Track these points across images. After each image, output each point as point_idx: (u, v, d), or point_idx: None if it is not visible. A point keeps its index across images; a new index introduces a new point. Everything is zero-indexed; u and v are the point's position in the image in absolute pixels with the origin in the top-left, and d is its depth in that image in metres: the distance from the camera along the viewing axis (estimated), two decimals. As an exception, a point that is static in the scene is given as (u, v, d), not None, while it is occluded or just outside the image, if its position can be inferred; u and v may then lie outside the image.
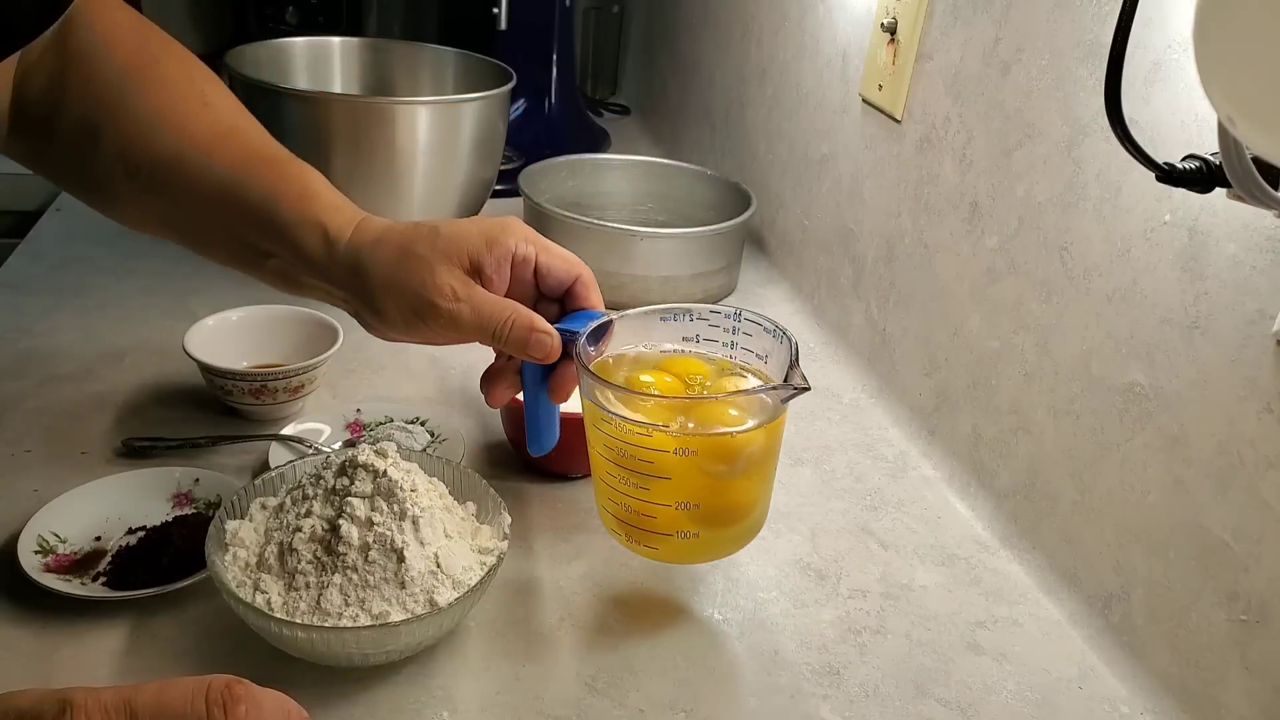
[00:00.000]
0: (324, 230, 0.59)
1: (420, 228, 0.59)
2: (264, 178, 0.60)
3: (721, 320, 0.64)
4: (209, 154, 0.60)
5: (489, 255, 0.59)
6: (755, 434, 0.57)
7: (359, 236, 0.59)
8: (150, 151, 0.61)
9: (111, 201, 0.65)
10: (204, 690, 0.36)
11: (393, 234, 0.59)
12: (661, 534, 0.59)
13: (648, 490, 0.57)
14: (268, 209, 0.59)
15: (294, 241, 0.59)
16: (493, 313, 0.58)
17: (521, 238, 0.60)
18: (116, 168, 0.61)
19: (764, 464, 0.60)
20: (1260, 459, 0.53)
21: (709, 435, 0.57)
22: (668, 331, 0.65)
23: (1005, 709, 0.58)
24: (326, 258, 0.59)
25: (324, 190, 0.61)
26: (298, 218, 0.59)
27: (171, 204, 0.62)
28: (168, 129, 0.61)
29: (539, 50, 1.43)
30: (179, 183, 0.61)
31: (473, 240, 0.58)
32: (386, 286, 0.58)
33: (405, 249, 0.58)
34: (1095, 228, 0.65)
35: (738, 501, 0.60)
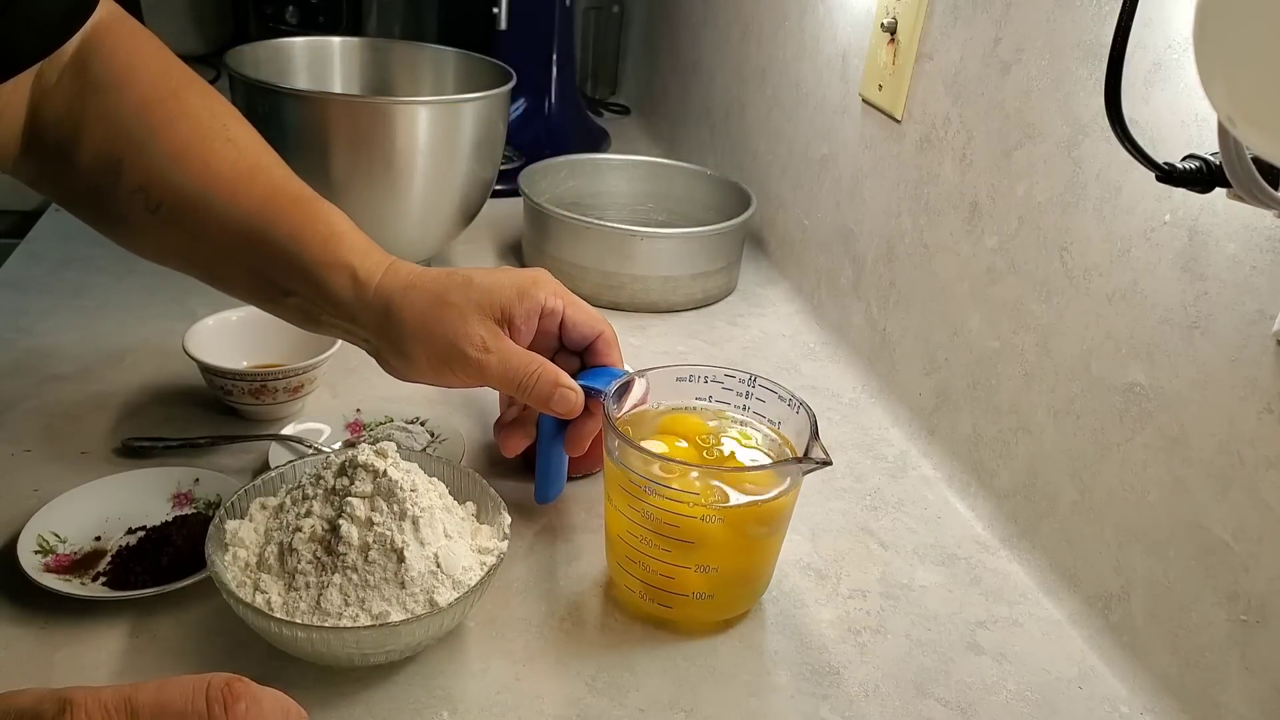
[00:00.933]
0: (353, 273, 0.60)
1: (454, 276, 0.60)
2: (289, 218, 0.60)
3: (735, 384, 0.66)
4: (233, 193, 0.60)
5: (519, 307, 0.60)
6: (778, 502, 0.59)
7: (389, 281, 0.60)
8: (173, 188, 0.60)
9: (129, 233, 0.64)
10: (204, 688, 0.36)
11: (425, 281, 0.60)
12: (678, 594, 0.60)
13: (669, 553, 0.59)
14: (293, 250, 0.60)
15: (319, 283, 0.60)
16: (520, 366, 0.60)
17: (551, 292, 0.62)
18: (137, 201, 0.60)
19: (781, 528, 0.62)
20: (1260, 459, 0.53)
21: (736, 505, 0.58)
22: (680, 389, 0.66)
23: (1005, 709, 0.58)
24: (355, 300, 0.60)
25: (350, 232, 0.62)
26: (325, 259, 0.60)
27: (192, 240, 0.62)
28: (192, 166, 0.60)
29: (539, 50, 1.43)
30: (201, 220, 0.60)
31: (505, 292, 0.60)
32: (417, 333, 0.59)
33: (439, 297, 0.59)
34: (1095, 228, 0.65)
35: (754, 564, 0.62)
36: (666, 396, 0.67)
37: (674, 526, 0.58)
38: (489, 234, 1.17)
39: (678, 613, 0.61)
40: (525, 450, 0.75)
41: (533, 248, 1.07)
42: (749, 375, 0.65)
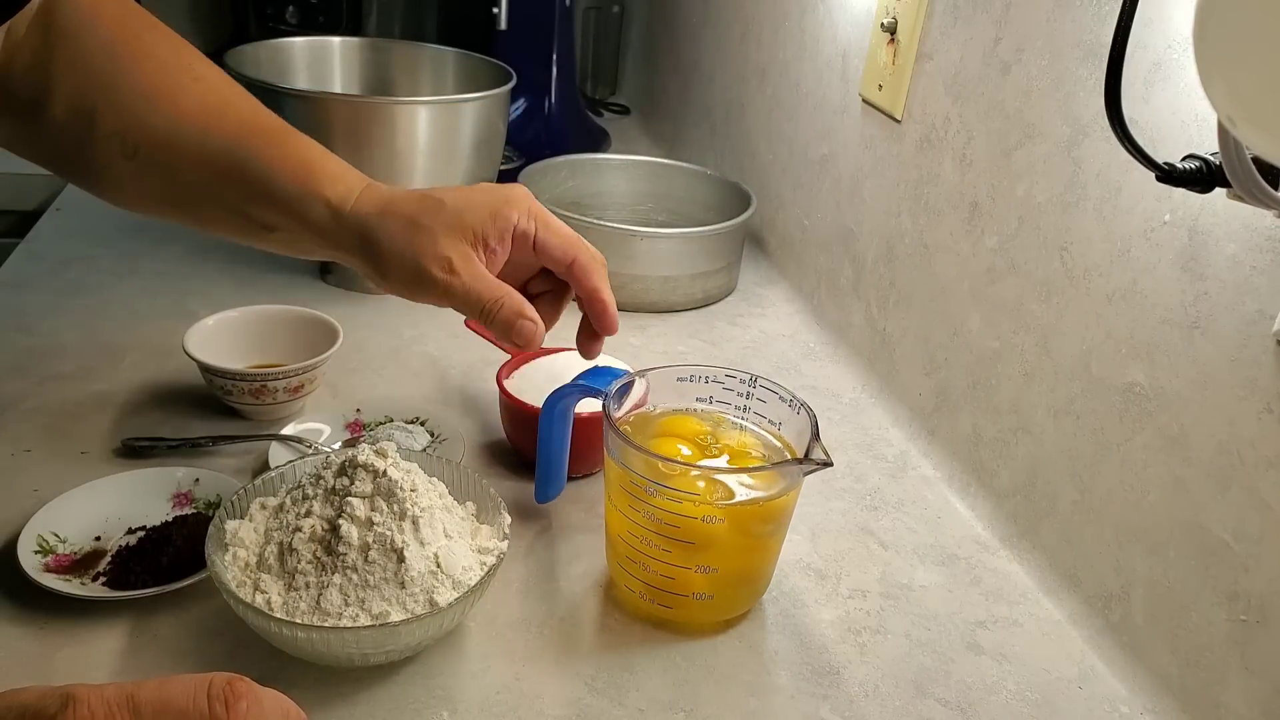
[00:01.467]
0: (327, 201, 0.60)
1: (427, 199, 0.60)
2: (261, 153, 0.60)
3: (736, 385, 0.66)
4: (204, 129, 0.61)
5: (492, 227, 0.59)
6: (778, 502, 0.59)
7: (365, 207, 0.60)
8: (147, 130, 0.60)
9: (111, 185, 0.64)
10: (206, 686, 0.36)
11: (399, 205, 0.60)
12: (678, 594, 0.60)
13: (670, 553, 0.59)
14: (267, 184, 0.60)
15: (298, 214, 0.60)
16: (484, 291, 0.59)
17: (524, 211, 0.60)
18: (114, 146, 0.61)
19: (781, 528, 0.62)
20: (1260, 459, 0.53)
21: (737, 504, 0.58)
22: (680, 390, 0.67)
23: (1005, 709, 0.58)
24: (333, 227, 0.60)
25: (321, 159, 0.62)
26: (299, 191, 0.60)
27: (171, 182, 0.62)
28: (162, 105, 0.61)
29: (539, 50, 1.43)
30: (176, 160, 0.61)
31: (478, 214, 0.59)
32: (391, 256, 0.59)
33: (412, 220, 0.59)
34: (1095, 228, 0.65)
35: (755, 565, 0.62)
36: (667, 398, 0.67)
37: (675, 527, 0.58)
38: (489, 234, 1.17)
39: (678, 613, 0.61)
40: (524, 450, 0.75)
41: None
42: (750, 376, 0.65)
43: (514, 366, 0.77)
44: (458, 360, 0.89)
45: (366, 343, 0.90)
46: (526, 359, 0.78)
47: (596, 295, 0.62)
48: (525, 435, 0.74)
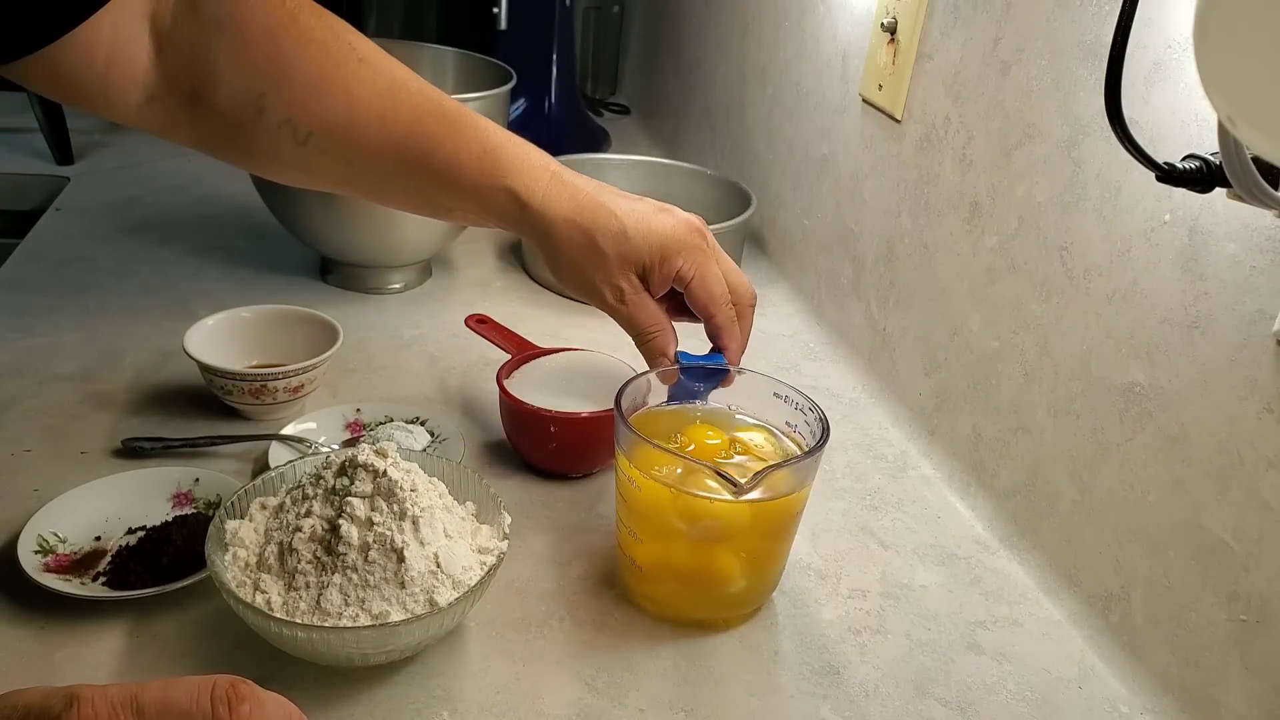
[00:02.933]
0: (512, 193, 0.64)
1: (611, 221, 0.65)
2: (442, 141, 0.63)
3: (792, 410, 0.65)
4: (380, 118, 0.62)
5: (658, 270, 0.66)
6: (791, 499, 0.60)
7: (551, 207, 0.64)
8: (320, 118, 0.61)
9: (279, 167, 0.65)
10: (209, 688, 0.36)
11: (584, 217, 0.64)
12: (700, 587, 0.62)
13: (682, 548, 0.60)
14: (451, 173, 0.63)
15: (482, 201, 0.64)
16: (644, 321, 0.67)
17: (692, 261, 0.66)
18: (285, 134, 0.61)
19: (793, 526, 0.63)
20: (1260, 459, 0.53)
21: (753, 501, 0.58)
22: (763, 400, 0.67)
23: (1005, 709, 0.58)
24: (516, 217, 0.65)
25: (505, 145, 0.64)
26: (484, 181, 0.63)
27: (347, 167, 0.64)
28: (334, 93, 0.61)
29: (539, 50, 1.43)
30: (353, 147, 0.62)
31: (649, 254, 0.65)
32: (568, 263, 0.66)
33: (591, 240, 0.65)
34: (1095, 228, 0.65)
35: (774, 556, 0.63)
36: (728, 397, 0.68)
37: (692, 523, 0.58)
38: (489, 234, 1.17)
39: (683, 606, 0.62)
40: (524, 450, 0.75)
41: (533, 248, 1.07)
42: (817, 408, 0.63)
43: (514, 366, 0.77)
44: (458, 360, 0.89)
45: (366, 343, 0.90)
46: (526, 359, 0.78)
47: (725, 350, 0.70)
48: (525, 435, 0.74)
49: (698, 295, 0.67)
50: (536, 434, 0.73)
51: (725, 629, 0.62)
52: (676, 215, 0.68)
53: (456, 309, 0.95)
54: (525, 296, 1.04)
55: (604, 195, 0.66)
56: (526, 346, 0.81)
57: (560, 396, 0.73)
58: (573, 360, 0.78)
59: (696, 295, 0.67)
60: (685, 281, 0.67)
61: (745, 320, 0.70)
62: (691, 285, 0.67)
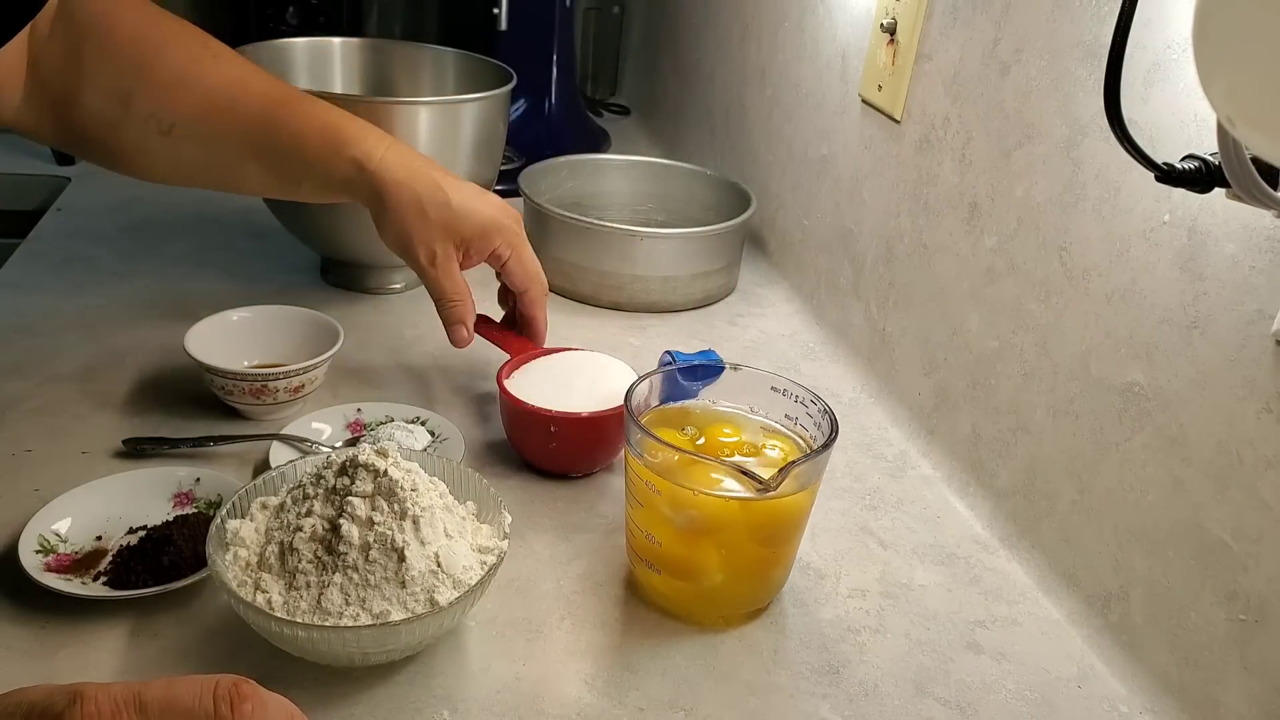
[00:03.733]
0: (353, 159, 0.70)
1: (438, 192, 0.71)
2: (287, 119, 0.69)
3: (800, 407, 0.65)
4: (233, 102, 0.69)
5: (475, 245, 0.74)
6: (797, 497, 0.60)
7: (385, 170, 0.70)
8: (181, 109, 0.68)
9: (144, 160, 0.71)
10: (212, 686, 0.37)
11: (415, 183, 0.71)
12: (697, 586, 0.62)
13: (693, 546, 0.61)
14: (297, 147, 0.70)
15: (325, 171, 0.70)
16: (449, 288, 0.74)
17: (506, 241, 0.75)
18: (150, 127, 0.68)
19: (802, 524, 0.63)
20: (1259, 459, 0.53)
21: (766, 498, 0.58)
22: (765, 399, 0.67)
23: (1004, 708, 0.59)
24: (356, 181, 0.71)
25: (341, 121, 0.71)
26: (327, 152, 0.70)
27: (206, 152, 0.70)
28: (193, 85, 0.69)
29: (539, 50, 1.43)
30: (209, 131, 0.69)
31: (469, 229, 0.73)
32: (394, 221, 0.72)
33: (419, 204, 0.71)
34: (1094, 228, 0.65)
35: (780, 556, 0.64)
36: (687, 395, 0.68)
37: (701, 520, 0.58)
38: (489, 234, 1.17)
39: (698, 604, 0.62)
40: (524, 450, 0.75)
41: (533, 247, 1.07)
42: (824, 405, 0.63)
43: (514, 366, 0.77)
44: (458, 360, 0.89)
45: (366, 343, 0.91)
46: (527, 359, 0.78)
47: (533, 324, 0.80)
48: (525, 435, 0.74)
49: (514, 272, 0.77)
50: (536, 434, 0.73)
51: (726, 628, 0.62)
52: (496, 200, 0.76)
53: (457, 309, 0.95)
54: (525, 296, 1.04)
55: (434, 170, 0.72)
56: (526, 346, 0.81)
57: (560, 396, 0.73)
58: (572, 360, 0.78)
59: (513, 272, 0.77)
60: (502, 260, 0.76)
61: (544, 311, 0.80)
62: (509, 264, 0.76)
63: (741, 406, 0.67)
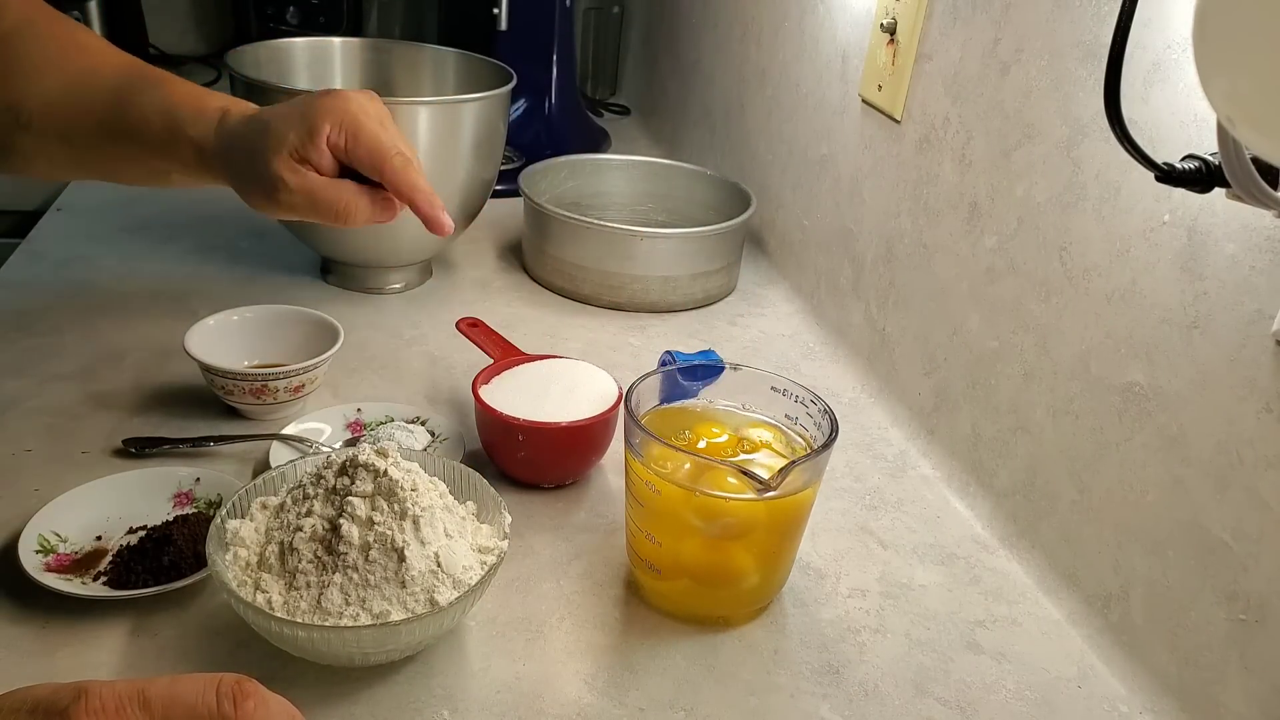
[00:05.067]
0: (192, 143, 0.65)
1: (256, 123, 0.63)
2: (132, 103, 0.65)
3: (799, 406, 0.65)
4: (85, 88, 0.65)
5: (309, 145, 0.62)
6: (804, 494, 0.60)
7: (219, 141, 0.64)
8: (39, 98, 0.65)
9: (18, 159, 0.68)
10: (215, 684, 0.37)
11: (239, 137, 0.64)
12: (718, 583, 0.62)
13: (697, 544, 0.60)
14: (143, 131, 0.65)
15: (179, 160, 0.66)
16: (328, 201, 0.63)
17: (337, 126, 0.62)
18: (9, 120, 0.66)
19: (803, 520, 0.63)
20: (1259, 459, 0.53)
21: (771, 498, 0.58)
22: (761, 398, 0.67)
23: (1004, 708, 0.59)
24: (204, 165, 0.65)
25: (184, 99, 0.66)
26: (168, 137, 0.65)
27: (69, 145, 0.67)
28: (51, 73, 0.66)
29: (539, 50, 1.43)
30: (66, 124, 0.66)
31: (294, 133, 0.62)
32: (244, 184, 0.64)
33: (248, 148, 0.63)
34: (1094, 228, 0.65)
35: (785, 552, 0.64)
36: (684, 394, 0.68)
37: (711, 522, 0.58)
38: (489, 234, 1.17)
39: (711, 605, 0.63)
40: (498, 460, 0.74)
41: (533, 248, 1.08)
42: (825, 404, 0.63)
43: (494, 372, 0.76)
44: (458, 360, 0.89)
45: (367, 343, 0.91)
46: (507, 365, 0.77)
47: (412, 199, 0.63)
48: (495, 443, 0.73)
49: (358, 153, 0.63)
50: (505, 442, 0.72)
51: (726, 628, 0.62)
52: (324, 90, 0.65)
53: (456, 309, 0.95)
54: (525, 296, 1.04)
55: (262, 111, 0.65)
56: (512, 352, 0.80)
57: (535, 405, 0.71)
58: (555, 369, 0.76)
59: (356, 153, 0.63)
60: (341, 146, 0.63)
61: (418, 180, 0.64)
62: (348, 146, 0.62)
63: (734, 404, 0.67)
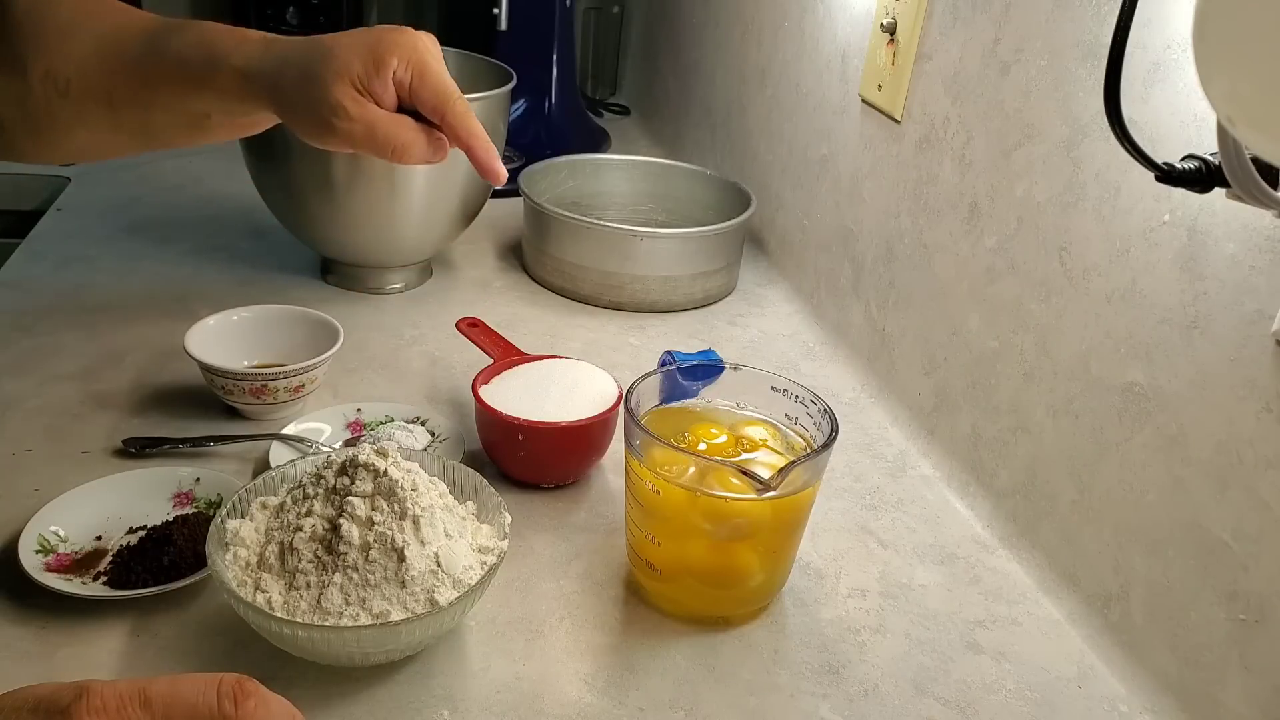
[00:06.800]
0: (234, 68, 0.63)
1: (316, 46, 0.63)
2: (169, 43, 0.64)
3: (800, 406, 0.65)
4: (119, 41, 0.65)
5: (375, 78, 0.62)
6: (804, 493, 0.60)
7: (266, 64, 0.63)
8: (71, 58, 0.64)
9: (59, 130, 0.67)
10: (216, 684, 0.37)
11: (294, 52, 0.63)
12: (723, 582, 0.62)
13: (700, 544, 0.61)
14: (183, 75, 0.64)
15: (216, 88, 0.63)
16: (387, 134, 0.62)
17: (404, 62, 0.62)
18: (49, 89, 0.64)
19: (803, 520, 0.63)
20: (1259, 459, 0.53)
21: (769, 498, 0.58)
22: (763, 398, 0.67)
23: (1004, 708, 0.59)
24: (247, 90, 0.63)
25: (220, 34, 0.65)
26: (210, 70, 0.63)
27: (108, 104, 0.65)
28: (80, 33, 0.65)
29: (539, 50, 1.43)
30: (107, 80, 0.65)
31: (360, 62, 0.62)
32: (296, 108, 0.63)
33: (304, 70, 0.62)
34: (1094, 228, 0.65)
35: (786, 550, 0.64)
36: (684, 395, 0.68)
37: (717, 523, 0.58)
38: (489, 234, 1.17)
39: (701, 603, 0.63)
40: (499, 461, 0.74)
41: (533, 248, 1.08)
42: (825, 405, 0.63)
43: (494, 372, 0.76)
44: (458, 360, 0.89)
45: (366, 343, 0.91)
46: (507, 365, 0.77)
47: (470, 144, 0.65)
48: (495, 443, 0.73)
49: (423, 93, 0.63)
50: (505, 442, 0.72)
51: (726, 628, 0.62)
52: (390, 25, 0.65)
53: (456, 309, 0.95)
54: (525, 296, 1.04)
55: (319, 36, 0.64)
56: (512, 352, 0.80)
57: (535, 405, 0.71)
58: (554, 369, 0.76)
59: (421, 93, 0.63)
60: (406, 83, 0.63)
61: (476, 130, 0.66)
62: (414, 84, 0.63)
63: (734, 404, 0.67)
